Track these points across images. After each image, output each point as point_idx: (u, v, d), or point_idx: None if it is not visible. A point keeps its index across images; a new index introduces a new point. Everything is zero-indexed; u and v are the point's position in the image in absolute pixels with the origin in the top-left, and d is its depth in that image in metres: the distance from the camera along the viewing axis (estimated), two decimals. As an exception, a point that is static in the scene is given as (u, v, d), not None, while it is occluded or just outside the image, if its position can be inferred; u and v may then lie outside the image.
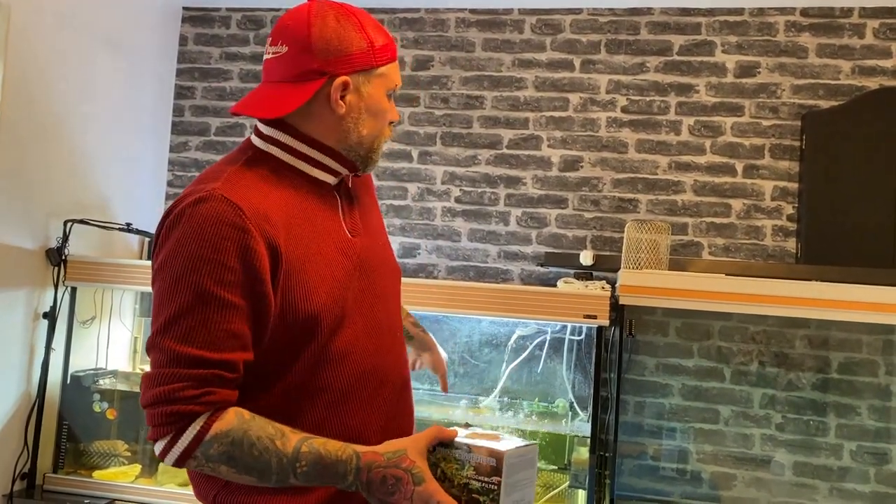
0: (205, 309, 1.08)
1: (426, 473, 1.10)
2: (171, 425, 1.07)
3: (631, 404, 2.95)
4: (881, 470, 2.80)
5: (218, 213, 1.10)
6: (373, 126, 1.25)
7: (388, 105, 1.27)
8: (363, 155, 1.27)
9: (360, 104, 1.23)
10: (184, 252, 1.09)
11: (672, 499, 2.89)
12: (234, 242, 1.10)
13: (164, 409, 1.07)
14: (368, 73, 1.22)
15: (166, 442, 1.08)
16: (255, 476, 1.09)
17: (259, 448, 1.08)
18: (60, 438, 2.74)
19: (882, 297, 2.30)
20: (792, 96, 2.99)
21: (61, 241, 2.74)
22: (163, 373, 1.08)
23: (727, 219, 3.01)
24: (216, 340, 1.08)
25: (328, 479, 1.10)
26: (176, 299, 1.08)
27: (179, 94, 3.47)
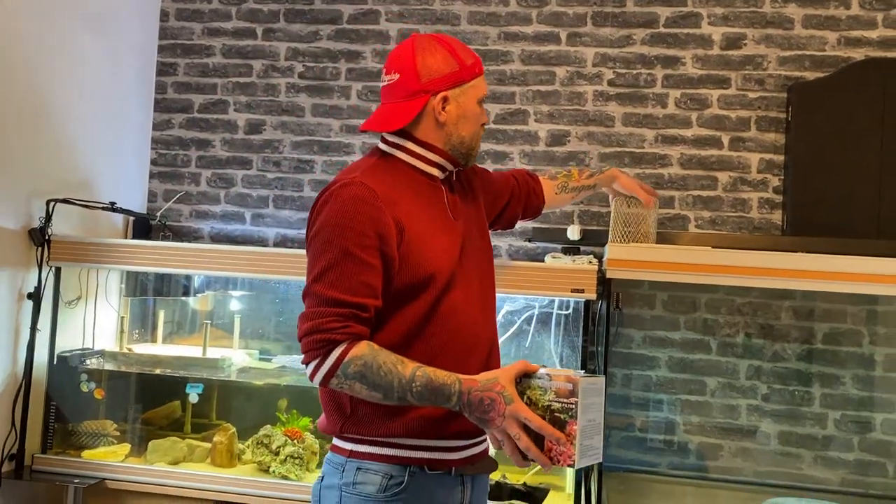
0: (346, 264, 1.42)
1: (515, 396, 1.37)
2: (319, 349, 1.40)
3: (618, 377, 2.97)
4: (865, 438, 2.84)
5: (358, 195, 1.46)
6: (470, 128, 1.60)
7: (480, 110, 1.62)
8: (464, 152, 1.62)
9: (457, 112, 1.58)
10: (332, 222, 1.45)
11: (659, 469, 2.92)
12: (369, 216, 1.45)
13: (314, 337, 1.40)
14: (462, 87, 1.58)
15: (315, 364, 1.41)
16: (381, 393, 1.40)
17: (384, 370, 1.39)
18: (48, 419, 2.73)
19: (867, 268, 2.31)
20: (778, 68, 2.98)
21: (44, 220, 2.71)
22: (314, 311, 1.42)
23: (713, 192, 3.01)
24: (354, 288, 1.42)
25: (437, 399, 1.38)
26: (325, 257, 1.44)
27: (161, 70, 3.42)
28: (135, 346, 3.02)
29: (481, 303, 1.62)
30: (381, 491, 1.46)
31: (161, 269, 2.85)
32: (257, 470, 2.67)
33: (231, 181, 3.34)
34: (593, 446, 1.39)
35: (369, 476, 1.48)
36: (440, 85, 1.56)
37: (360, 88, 3.26)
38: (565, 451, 1.34)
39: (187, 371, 2.83)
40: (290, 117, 3.31)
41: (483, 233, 1.72)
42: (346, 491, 1.48)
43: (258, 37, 3.35)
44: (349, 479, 1.48)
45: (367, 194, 1.46)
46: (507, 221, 1.98)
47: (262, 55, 3.34)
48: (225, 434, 2.72)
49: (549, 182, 2.08)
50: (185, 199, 3.37)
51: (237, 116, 3.35)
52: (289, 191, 3.30)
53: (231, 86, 3.36)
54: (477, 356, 1.56)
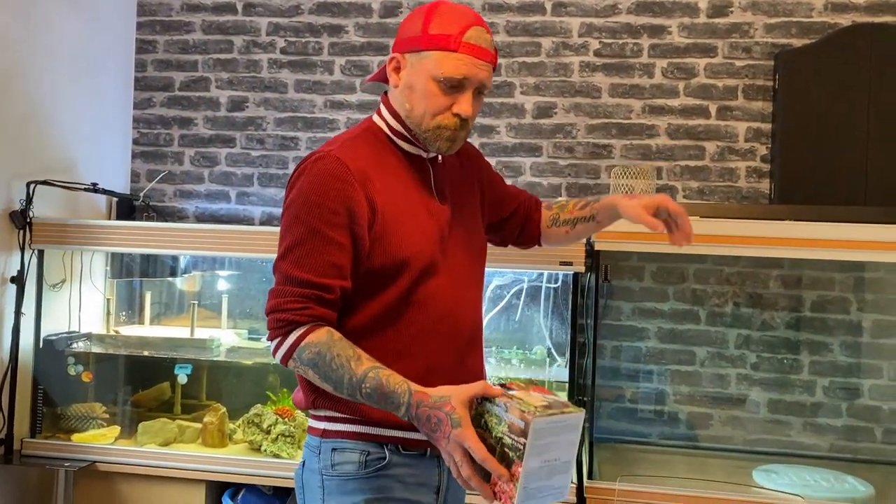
0: (313, 242, 1.36)
1: (464, 420, 1.24)
2: (279, 329, 1.36)
3: (608, 349, 2.97)
4: (853, 404, 2.86)
5: (330, 170, 1.38)
6: (421, 106, 1.42)
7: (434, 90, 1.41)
8: (421, 133, 1.45)
9: (406, 81, 1.43)
10: (302, 197, 1.38)
11: (650, 440, 2.94)
12: (340, 193, 1.37)
13: (275, 315, 1.36)
14: (418, 55, 1.41)
15: (276, 343, 1.37)
16: (331, 385, 1.34)
17: (337, 363, 1.32)
18: (36, 403, 2.71)
19: (854, 235, 2.32)
20: (765, 35, 2.96)
21: (25, 203, 2.67)
22: (278, 289, 1.37)
23: (701, 161, 3.00)
24: (319, 267, 1.35)
25: (386, 404, 1.31)
26: (292, 233, 1.38)
27: (141, 48, 3.36)
28: (122, 329, 3.00)
29: (464, 291, 1.51)
30: (361, 468, 1.41)
31: (146, 250, 2.82)
32: (249, 449, 2.67)
33: (215, 160, 3.30)
34: (551, 486, 1.24)
35: (346, 455, 1.41)
36: (399, 46, 1.44)
37: (343, 63, 3.21)
38: (507, 489, 1.20)
39: (176, 352, 2.81)
40: (273, 94, 3.26)
41: (475, 221, 1.60)
42: (326, 475, 1.42)
43: (238, 12, 3.29)
44: (326, 461, 1.42)
45: (340, 170, 1.38)
46: (504, 236, 1.76)
47: (243, 30, 3.29)
48: (215, 414, 2.71)
49: (545, 212, 1.76)
50: (168, 179, 3.32)
51: (219, 94, 3.30)
52: (273, 168, 3.26)
53: (212, 62, 3.31)
54: (455, 345, 1.47)
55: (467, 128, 1.45)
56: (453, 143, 1.45)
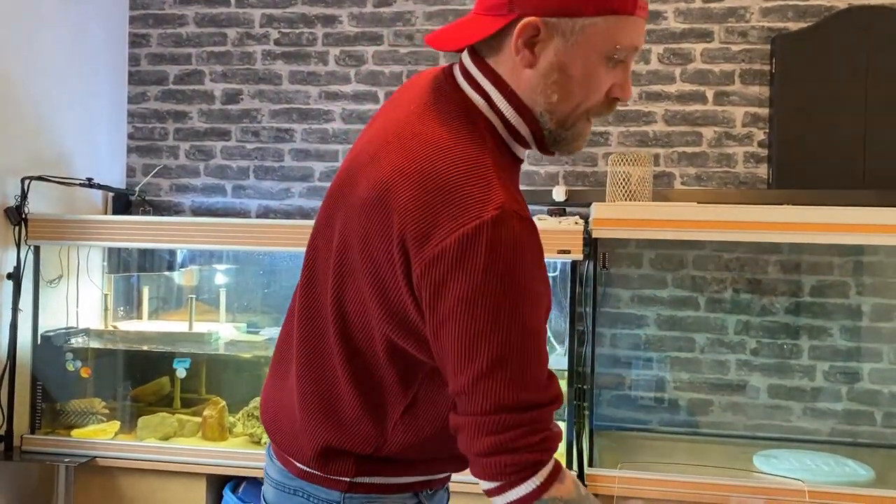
0: (530, 345, 0.96)
1: None
2: (511, 475, 0.97)
3: (607, 337, 2.97)
4: (853, 388, 2.86)
5: (522, 235, 0.94)
6: (579, 95, 1.01)
7: (605, 72, 1.01)
8: (552, 129, 1.04)
9: (557, 60, 0.99)
10: (495, 281, 0.93)
11: (650, 427, 2.94)
12: (538, 264, 0.98)
13: (503, 459, 0.96)
14: (575, 21, 0.96)
15: (501, 485, 0.98)
16: None
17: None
18: (35, 399, 2.70)
19: (852, 218, 2.31)
20: (761, 19, 2.94)
21: (20, 199, 2.66)
22: (494, 420, 0.96)
23: (698, 147, 2.99)
24: (542, 378, 0.99)
25: None
26: (496, 337, 0.94)
27: (134, 42, 3.34)
28: (120, 324, 2.99)
29: None
30: None
31: (143, 245, 2.81)
32: (249, 442, 2.67)
33: (210, 153, 3.29)
34: None
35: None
36: (539, 7, 0.96)
37: (337, 54, 3.19)
38: None
39: (174, 346, 2.80)
40: (268, 85, 3.24)
41: None
42: None
43: (231, 4, 3.27)
44: None
45: (530, 233, 0.96)
46: None
47: (237, 23, 3.27)
48: (215, 408, 2.70)
49: None
50: (164, 173, 3.31)
51: (213, 87, 3.29)
52: (269, 161, 3.25)
53: (206, 55, 3.29)
54: None
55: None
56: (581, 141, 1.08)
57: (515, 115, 1.04)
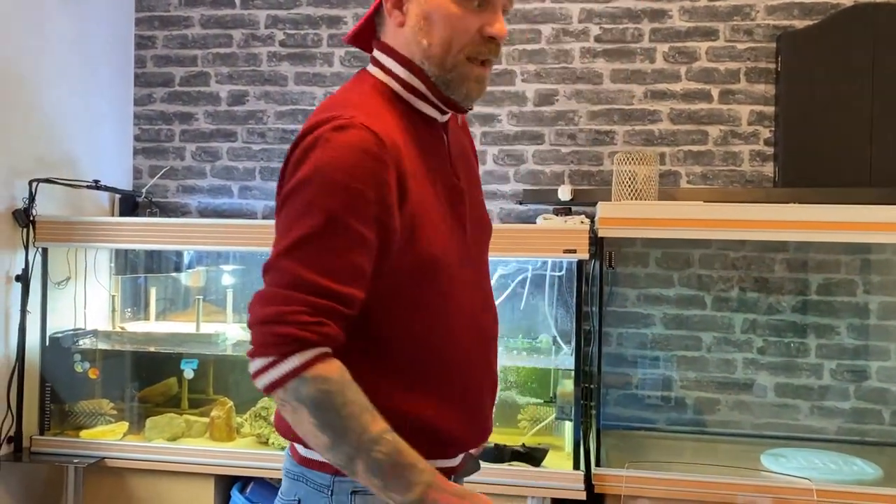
0: (334, 236, 1.04)
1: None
2: (276, 347, 1.02)
3: (614, 336, 2.97)
4: (860, 387, 2.85)
5: (359, 142, 1.06)
6: (445, 35, 1.13)
7: (465, 13, 1.13)
8: (438, 75, 1.16)
9: (420, 10, 1.14)
10: (321, 175, 1.05)
11: (657, 426, 2.93)
12: (372, 173, 1.06)
13: (274, 328, 1.02)
14: None
15: (265, 363, 1.03)
16: (329, 436, 1.03)
17: (348, 410, 1.02)
18: (44, 400, 2.72)
19: (859, 216, 2.30)
20: (766, 17, 2.94)
21: (27, 201, 2.67)
22: (278, 293, 1.03)
23: (704, 146, 2.99)
24: (340, 271, 1.04)
25: (395, 477, 1.03)
26: (306, 222, 1.04)
27: (140, 44, 3.35)
28: (128, 325, 3.01)
29: (487, 287, 1.29)
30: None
31: (150, 246, 2.82)
32: (257, 442, 2.67)
33: (216, 154, 3.30)
34: None
35: (369, 499, 1.11)
36: None
37: (342, 55, 3.20)
38: None
39: (182, 347, 2.81)
40: (273, 87, 3.25)
41: (482, 199, 1.34)
42: None
43: (237, 5, 3.28)
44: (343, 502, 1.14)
45: (372, 143, 1.06)
46: None
47: (242, 24, 3.28)
48: (223, 408, 2.71)
49: None
50: (170, 175, 3.32)
51: (219, 88, 3.30)
52: (275, 162, 3.26)
53: (211, 57, 3.30)
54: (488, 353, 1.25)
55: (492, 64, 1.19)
56: (481, 86, 1.18)
57: (406, 72, 1.17)
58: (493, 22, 1.14)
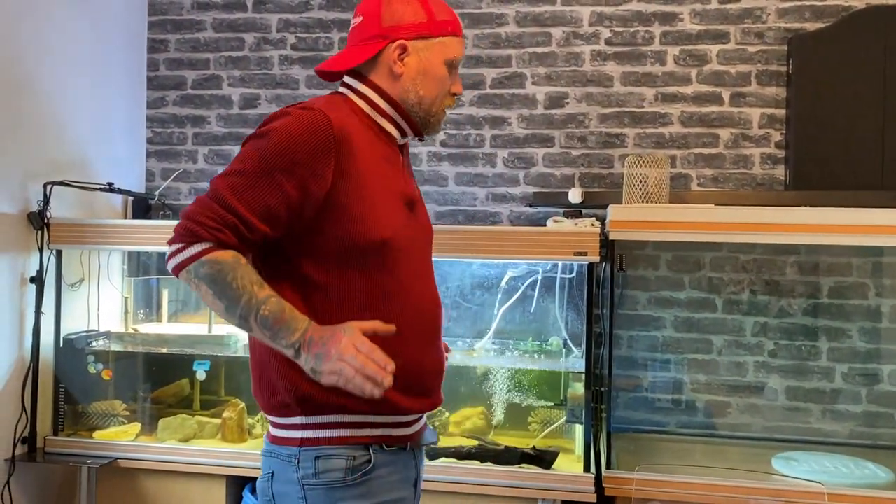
0: (261, 179, 1.31)
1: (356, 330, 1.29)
2: (184, 237, 1.31)
3: (624, 339, 2.97)
4: (872, 390, 2.84)
5: (313, 122, 1.33)
6: (431, 90, 1.47)
7: (447, 74, 1.48)
8: (423, 116, 1.48)
9: (418, 67, 1.45)
10: (275, 136, 1.33)
11: (668, 429, 2.93)
12: (314, 149, 1.32)
13: (186, 224, 1.31)
14: (427, 41, 1.45)
15: (175, 248, 1.32)
16: (225, 304, 1.30)
17: (238, 284, 1.29)
18: (58, 401, 2.74)
19: (871, 220, 2.30)
20: (778, 20, 2.93)
21: (42, 203, 2.69)
22: (203, 201, 1.32)
23: (715, 149, 2.98)
24: (253, 203, 1.31)
25: (279, 328, 1.28)
26: (247, 162, 1.33)
27: (152, 47, 3.38)
28: (140, 326, 3.03)
29: (432, 280, 1.53)
30: (348, 474, 1.35)
31: (162, 249, 2.81)
32: (268, 444, 2.68)
33: (228, 157, 3.32)
34: None
35: (332, 462, 1.35)
36: (401, 32, 1.44)
37: (354, 58, 3.21)
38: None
39: (194, 349, 2.83)
40: (285, 90, 3.27)
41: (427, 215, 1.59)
42: (308, 484, 1.36)
43: (249, 9, 3.30)
44: (309, 470, 1.36)
45: (323, 127, 1.33)
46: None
47: (254, 28, 3.30)
48: (234, 409, 2.73)
49: None
50: (183, 177, 3.35)
51: (231, 91, 3.32)
52: (287, 165, 3.27)
53: (224, 60, 3.32)
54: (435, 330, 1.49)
55: None
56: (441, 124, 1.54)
57: (391, 109, 1.47)
58: (457, 82, 1.51)
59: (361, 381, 1.24)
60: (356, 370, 1.24)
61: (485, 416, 2.73)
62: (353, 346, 1.25)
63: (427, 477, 2.41)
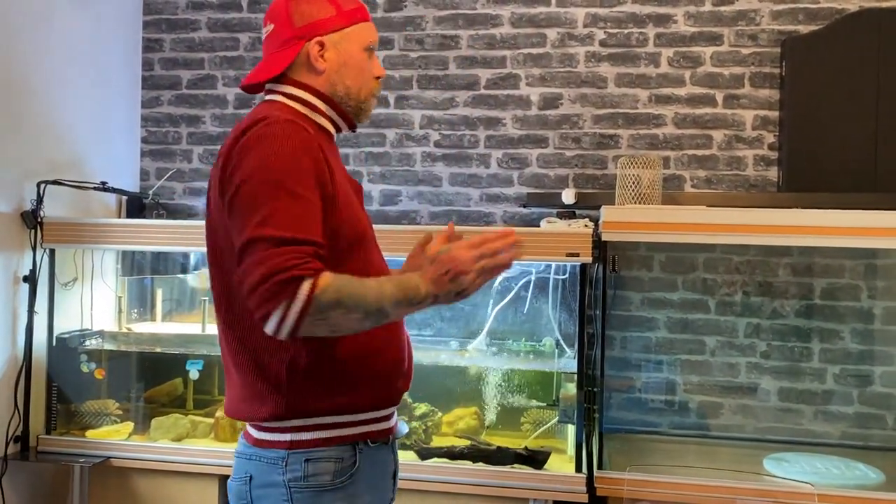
0: (295, 204, 1.29)
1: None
2: (283, 293, 1.23)
3: (617, 339, 2.97)
4: (864, 392, 2.85)
5: (291, 132, 1.33)
6: (356, 79, 1.49)
7: (367, 58, 1.50)
8: (354, 106, 1.51)
9: (338, 59, 1.47)
10: (266, 163, 1.30)
11: (661, 430, 2.94)
12: (309, 154, 1.33)
13: (275, 279, 1.23)
14: (342, 32, 1.47)
15: (282, 309, 1.23)
16: (361, 312, 1.29)
17: (355, 285, 1.29)
18: (51, 400, 2.74)
19: (863, 222, 2.30)
20: (771, 22, 2.94)
21: (36, 202, 2.69)
22: (267, 255, 1.24)
23: (708, 150, 2.99)
24: (308, 227, 1.29)
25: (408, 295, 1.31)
26: (269, 201, 1.28)
27: (147, 47, 3.38)
28: (134, 326, 3.03)
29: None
30: (336, 477, 1.37)
31: (156, 248, 2.83)
32: (261, 443, 2.68)
33: (223, 157, 3.31)
34: None
35: (321, 465, 1.36)
36: (315, 30, 1.45)
37: (348, 58, 3.21)
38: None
39: (187, 348, 2.83)
40: (280, 90, 3.27)
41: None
42: (296, 487, 1.36)
43: (243, 9, 3.30)
44: (297, 473, 1.36)
45: (300, 131, 1.34)
46: None
47: (248, 28, 3.30)
48: (227, 409, 2.73)
49: None
50: (177, 177, 3.35)
51: (226, 91, 3.32)
52: (281, 164, 3.27)
53: (219, 60, 3.32)
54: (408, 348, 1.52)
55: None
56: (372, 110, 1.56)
57: (321, 102, 1.48)
58: (378, 66, 1.53)
59: (497, 264, 1.35)
60: (489, 264, 1.34)
61: (477, 416, 2.73)
62: (468, 257, 1.32)
63: (419, 476, 2.44)
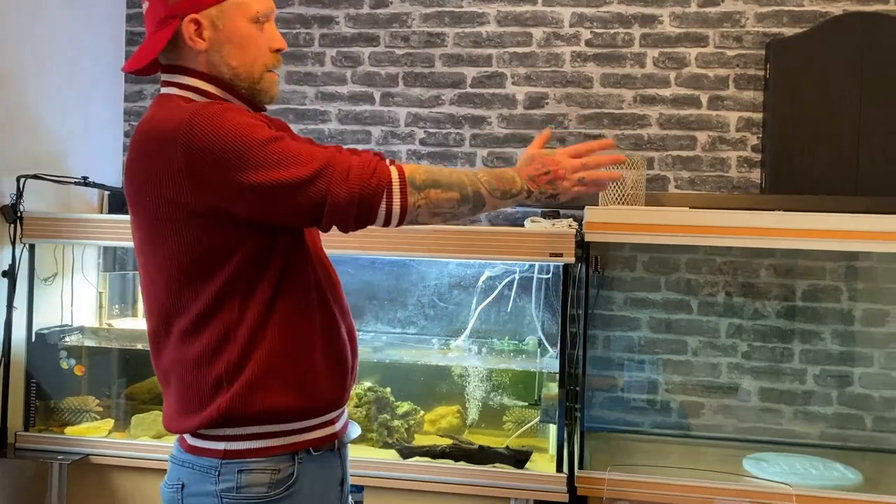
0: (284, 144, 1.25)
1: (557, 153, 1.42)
2: (378, 181, 1.25)
3: (600, 339, 2.98)
4: (843, 392, 2.87)
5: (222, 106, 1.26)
6: (241, 56, 1.34)
7: (258, 31, 1.35)
8: (247, 87, 1.36)
9: (219, 37, 1.32)
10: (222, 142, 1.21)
11: (642, 429, 2.95)
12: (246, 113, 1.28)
13: (363, 176, 1.24)
14: (219, 6, 1.31)
15: (385, 196, 1.25)
16: (457, 191, 1.29)
17: (442, 168, 1.30)
18: (29, 396, 2.71)
19: (845, 224, 2.32)
20: (756, 25, 2.95)
21: (15, 197, 2.66)
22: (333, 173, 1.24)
23: (692, 151, 3.00)
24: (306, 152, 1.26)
25: (503, 184, 1.33)
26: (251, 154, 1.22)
27: (131, 40, 3.35)
28: (115, 322, 3.00)
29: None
30: (272, 489, 1.30)
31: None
32: (242, 441, 2.67)
33: (206, 152, 3.29)
34: None
35: (254, 476, 1.29)
36: (189, 7, 1.29)
37: (334, 54, 3.20)
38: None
39: (168, 345, 2.81)
40: (265, 85, 3.25)
41: None
42: (228, 498, 1.29)
43: (229, 3, 3.27)
44: (230, 483, 1.29)
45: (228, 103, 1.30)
46: None
47: (234, 22, 3.27)
48: (208, 406, 2.71)
49: None
50: (160, 172, 3.31)
51: (210, 86, 3.29)
52: (265, 160, 3.25)
53: (203, 54, 3.30)
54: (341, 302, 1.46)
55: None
56: (277, 88, 1.42)
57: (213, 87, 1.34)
58: (276, 37, 1.38)
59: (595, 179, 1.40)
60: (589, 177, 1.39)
61: (460, 415, 2.73)
62: (570, 165, 1.37)
63: (400, 476, 2.44)
